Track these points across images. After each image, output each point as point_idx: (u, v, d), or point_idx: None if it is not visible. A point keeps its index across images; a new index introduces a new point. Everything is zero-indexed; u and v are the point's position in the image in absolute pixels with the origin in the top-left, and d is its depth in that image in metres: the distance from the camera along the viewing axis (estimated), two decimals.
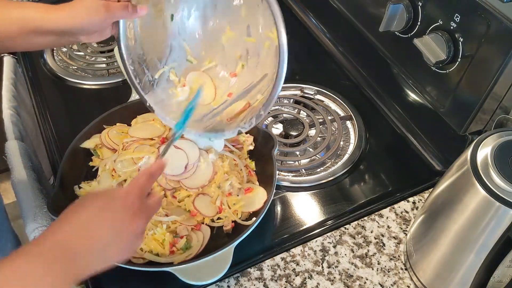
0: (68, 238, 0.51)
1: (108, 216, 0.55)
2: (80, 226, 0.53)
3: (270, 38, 0.75)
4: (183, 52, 0.85)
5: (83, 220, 0.53)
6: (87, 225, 0.53)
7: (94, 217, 0.54)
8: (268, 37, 0.76)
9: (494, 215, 0.58)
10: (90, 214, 0.54)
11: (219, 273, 0.71)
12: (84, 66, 1.16)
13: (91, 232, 0.53)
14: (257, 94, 0.77)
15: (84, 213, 0.54)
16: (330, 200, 0.88)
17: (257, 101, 0.76)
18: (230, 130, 0.78)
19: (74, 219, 0.53)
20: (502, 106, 0.77)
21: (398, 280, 0.77)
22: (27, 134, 1.03)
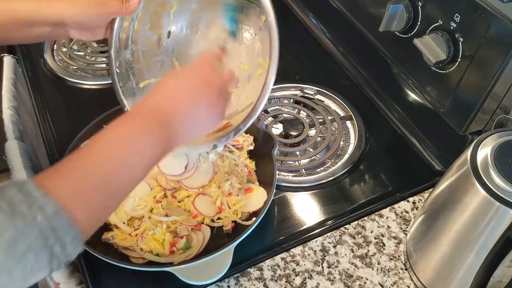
0: (159, 103, 0.57)
1: (188, 84, 0.60)
2: (169, 92, 0.58)
3: (263, 68, 0.75)
4: (172, 68, 0.84)
5: (172, 88, 0.59)
6: (175, 91, 0.58)
7: (182, 85, 0.59)
8: (261, 66, 0.76)
9: (494, 215, 0.58)
10: (178, 83, 0.60)
11: (219, 273, 0.71)
12: (84, 66, 1.16)
13: (179, 96, 0.58)
14: (239, 118, 0.77)
15: (173, 82, 0.59)
16: (330, 200, 0.88)
17: (237, 122, 0.76)
18: (205, 144, 0.76)
19: (163, 87, 0.58)
20: (502, 106, 0.77)
21: (398, 280, 0.77)
22: (27, 134, 1.03)
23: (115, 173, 0.51)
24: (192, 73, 0.62)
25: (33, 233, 0.44)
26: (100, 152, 0.52)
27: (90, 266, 0.77)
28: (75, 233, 0.47)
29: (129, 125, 0.55)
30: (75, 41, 1.22)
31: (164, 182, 0.82)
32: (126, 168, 0.52)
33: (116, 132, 0.54)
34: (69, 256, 0.47)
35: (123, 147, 0.53)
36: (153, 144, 0.54)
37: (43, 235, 0.44)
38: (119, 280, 0.77)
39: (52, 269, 0.46)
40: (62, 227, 0.45)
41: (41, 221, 0.44)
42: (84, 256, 0.77)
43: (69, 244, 0.46)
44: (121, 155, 0.52)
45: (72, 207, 0.47)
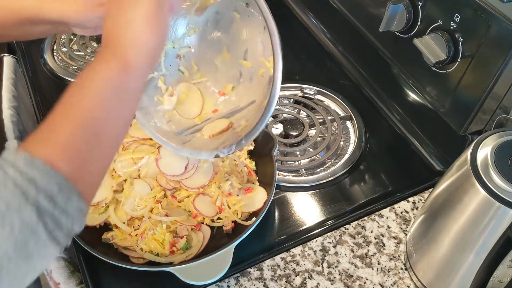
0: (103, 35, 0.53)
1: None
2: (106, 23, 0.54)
3: (266, 67, 0.74)
4: (175, 61, 0.84)
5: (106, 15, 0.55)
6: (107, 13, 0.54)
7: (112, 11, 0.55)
8: (264, 65, 0.75)
9: (494, 215, 0.58)
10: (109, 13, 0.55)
11: (219, 273, 0.71)
12: (84, 66, 1.16)
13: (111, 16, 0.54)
14: (242, 119, 0.77)
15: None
16: (330, 200, 0.88)
17: (240, 127, 0.75)
18: (207, 152, 0.75)
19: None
20: (502, 106, 0.77)
21: (398, 280, 0.77)
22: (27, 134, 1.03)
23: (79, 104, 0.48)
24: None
25: (7, 189, 0.40)
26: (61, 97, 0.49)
27: (90, 266, 0.77)
28: (59, 179, 0.43)
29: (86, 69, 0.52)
30: (75, 41, 1.22)
31: (164, 182, 0.82)
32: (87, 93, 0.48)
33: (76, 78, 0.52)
34: (66, 212, 0.43)
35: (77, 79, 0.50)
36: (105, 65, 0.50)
37: (19, 189, 0.40)
38: (119, 280, 0.77)
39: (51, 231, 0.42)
40: (40, 176, 0.42)
41: (14, 175, 0.41)
42: (84, 256, 0.77)
43: (57, 194, 0.42)
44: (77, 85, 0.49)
45: (45, 152, 0.43)
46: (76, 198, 0.44)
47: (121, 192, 0.82)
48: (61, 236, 0.43)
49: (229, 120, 0.79)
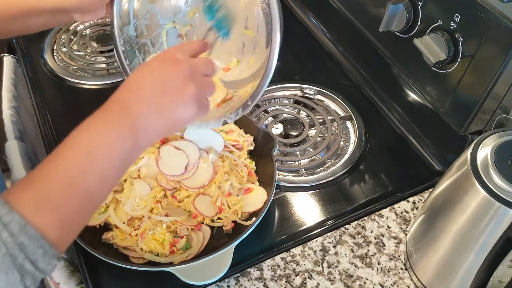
0: (123, 94, 0.55)
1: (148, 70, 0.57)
2: (132, 82, 0.56)
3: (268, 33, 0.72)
4: (178, 41, 0.82)
5: (136, 77, 0.56)
6: (138, 81, 0.56)
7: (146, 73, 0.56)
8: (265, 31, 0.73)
9: (494, 215, 0.58)
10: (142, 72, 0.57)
11: (219, 273, 0.71)
12: (84, 66, 1.16)
13: (134, 86, 0.55)
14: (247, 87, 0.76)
15: (138, 73, 0.57)
16: (330, 200, 0.88)
17: (246, 93, 0.74)
18: (215, 120, 0.74)
19: (128, 79, 0.56)
20: (502, 106, 0.77)
21: (398, 280, 0.77)
22: (27, 134, 1.03)
23: (81, 172, 0.48)
24: (155, 61, 0.58)
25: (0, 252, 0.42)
26: (64, 152, 0.49)
27: (90, 266, 0.77)
28: (45, 247, 0.45)
29: (93, 119, 0.52)
30: (75, 41, 1.22)
31: (164, 182, 0.82)
32: (93, 164, 0.49)
33: (81, 128, 0.51)
34: (43, 272, 0.46)
35: (87, 140, 0.50)
36: (119, 134, 0.51)
37: (10, 253, 0.43)
38: (119, 280, 0.77)
39: (27, 286, 0.45)
40: (30, 243, 0.44)
41: (7, 239, 0.43)
42: (84, 256, 0.77)
43: (41, 259, 0.45)
44: (85, 149, 0.49)
45: (38, 219, 0.45)
46: (55, 260, 0.47)
47: (121, 192, 0.82)
48: (34, 286, 0.46)
49: (228, 91, 0.78)
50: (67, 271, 0.77)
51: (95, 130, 0.51)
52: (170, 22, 0.80)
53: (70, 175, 0.48)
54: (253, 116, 1.01)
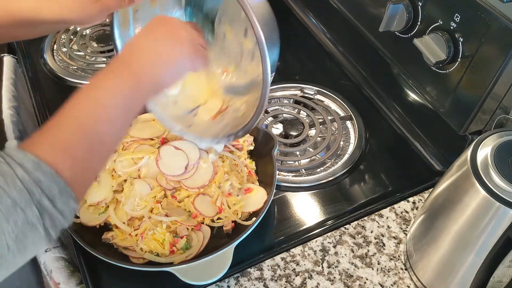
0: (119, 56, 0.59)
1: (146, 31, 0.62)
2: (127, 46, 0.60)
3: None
4: None
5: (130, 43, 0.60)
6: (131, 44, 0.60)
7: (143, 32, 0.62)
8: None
9: (494, 215, 0.58)
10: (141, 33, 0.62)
11: (219, 273, 0.71)
12: (84, 66, 1.16)
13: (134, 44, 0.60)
14: (242, 103, 0.77)
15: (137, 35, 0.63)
16: (330, 200, 0.88)
17: (241, 112, 0.75)
18: (208, 139, 0.77)
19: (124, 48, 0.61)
20: (502, 106, 0.77)
21: (398, 280, 0.77)
22: (27, 134, 1.03)
23: (89, 116, 0.52)
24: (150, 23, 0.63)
25: (15, 188, 0.43)
26: (73, 102, 0.53)
27: (90, 266, 0.77)
28: (60, 184, 0.47)
29: (97, 75, 0.56)
30: (75, 41, 1.22)
31: (164, 182, 0.82)
32: (99, 107, 0.53)
33: (87, 85, 0.56)
34: (62, 214, 0.47)
35: (92, 89, 0.54)
36: (119, 78, 0.55)
37: (26, 188, 0.44)
38: (119, 280, 0.77)
39: (47, 228, 0.45)
40: (46, 179, 0.45)
41: (22, 176, 0.44)
42: (84, 256, 0.77)
43: (58, 197, 0.46)
44: (91, 95, 0.53)
45: (52, 158, 0.47)
46: (72, 201, 0.48)
47: (121, 192, 0.82)
48: (54, 232, 0.47)
49: (222, 100, 0.78)
50: (67, 271, 0.77)
51: (99, 81, 0.55)
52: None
53: (80, 119, 0.51)
54: None
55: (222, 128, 0.76)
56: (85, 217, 0.79)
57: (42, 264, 0.78)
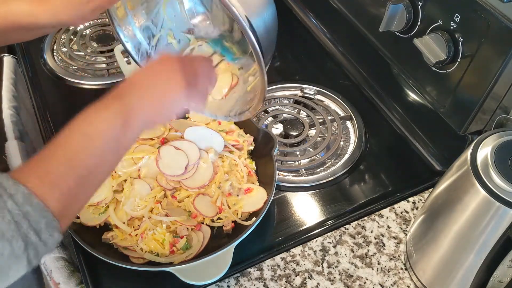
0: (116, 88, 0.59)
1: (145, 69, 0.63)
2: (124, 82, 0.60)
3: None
4: (178, 12, 0.82)
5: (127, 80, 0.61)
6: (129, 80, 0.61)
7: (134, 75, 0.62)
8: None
9: (494, 215, 0.58)
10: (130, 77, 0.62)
11: (219, 273, 0.71)
12: (84, 66, 1.16)
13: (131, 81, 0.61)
14: (249, 76, 0.77)
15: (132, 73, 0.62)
16: (330, 200, 0.88)
17: (249, 84, 0.76)
18: (221, 117, 0.78)
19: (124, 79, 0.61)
20: (502, 106, 0.77)
21: (398, 280, 0.77)
22: (27, 134, 1.03)
23: (79, 149, 0.52)
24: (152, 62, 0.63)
25: (4, 220, 0.44)
26: (64, 134, 0.53)
27: (90, 266, 0.77)
28: (48, 218, 0.47)
29: (90, 107, 0.56)
30: (75, 41, 1.22)
31: (164, 182, 0.83)
32: (89, 141, 0.53)
33: (79, 116, 0.56)
34: (46, 245, 0.47)
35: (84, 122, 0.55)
36: (110, 113, 0.56)
37: (15, 221, 0.45)
38: (119, 280, 0.77)
39: (30, 260, 0.46)
40: (34, 213, 0.46)
41: (12, 208, 0.45)
42: (84, 256, 0.77)
43: (44, 230, 0.47)
44: (82, 129, 0.54)
45: (42, 191, 0.47)
46: (57, 234, 0.49)
47: (121, 192, 0.82)
48: (36, 261, 0.48)
49: (231, 74, 0.79)
50: (67, 271, 0.77)
51: (92, 114, 0.56)
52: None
53: (69, 152, 0.52)
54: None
55: (234, 104, 0.77)
56: (85, 217, 0.79)
57: (42, 264, 0.78)
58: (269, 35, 0.65)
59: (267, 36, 0.64)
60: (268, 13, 0.65)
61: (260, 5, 0.64)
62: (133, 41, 0.80)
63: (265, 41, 0.63)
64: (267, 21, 0.64)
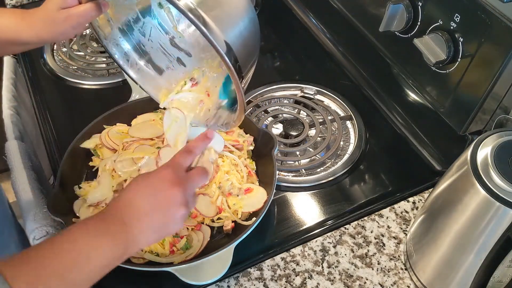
0: (116, 211, 0.59)
1: (147, 189, 0.61)
2: (125, 201, 0.60)
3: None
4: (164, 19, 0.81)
5: (128, 197, 0.60)
6: (130, 200, 0.60)
7: (137, 192, 0.61)
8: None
9: (494, 215, 0.58)
10: (133, 191, 0.61)
11: (219, 273, 0.71)
12: (84, 66, 1.16)
13: (134, 203, 0.60)
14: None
15: (129, 192, 0.61)
16: (330, 200, 0.88)
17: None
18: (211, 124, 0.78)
19: (121, 198, 0.61)
20: (502, 106, 0.77)
21: (398, 280, 0.77)
22: (27, 134, 1.03)
23: (72, 268, 0.53)
24: (155, 179, 0.62)
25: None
26: (62, 246, 0.54)
27: None
28: None
29: (95, 226, 0.57)
30: (75, 41, 1.22)
31: None
32: (84, 263, 0.54)
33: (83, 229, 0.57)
34: None
35: (85, 243, 0.55)
36: (114, 245, 0.57)
37: None
38: (119, 280, 0.76)
39: None
40: None
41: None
42: None
43: None
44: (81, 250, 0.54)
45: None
46: None
47: None
48: None
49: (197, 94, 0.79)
50: None
51: (94, 236, 0.56)
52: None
53: (62, 267, 0.53)
54: (253, 116, 1.01)
55: (216, 114, 0.76)
56: (85, 217, 0.79)
57: None
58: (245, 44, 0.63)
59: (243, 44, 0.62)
60: (245, 23, 0.63)
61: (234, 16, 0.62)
62: (120, 51, 0.80)
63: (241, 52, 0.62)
64: (243, 32, 0.63)
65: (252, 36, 0.65)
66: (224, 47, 0.59)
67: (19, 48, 0.75)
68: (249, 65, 0.65)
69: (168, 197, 0.60)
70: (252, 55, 0.66)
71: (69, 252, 0.54)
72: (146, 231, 0.59)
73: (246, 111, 0.77)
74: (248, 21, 0.63)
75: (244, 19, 0.63)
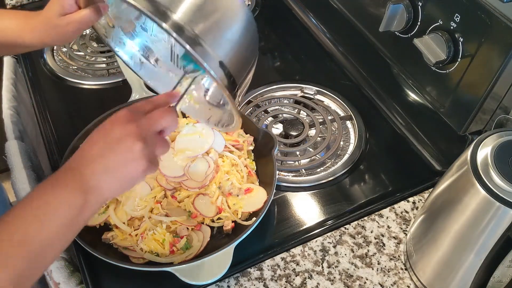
0: (68, 163, 0.57)
1: (98, 133, 0.59)
2: (77, 152, 0.58)
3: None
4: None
5: (81, 148, 0.59)
6: (82, 148, 0.58)
7: (88, 140, 0.59)
8: None
9: (494, 215, 0.58)
10: (85, 141, 0.59)
11: (219, 273, 0.71)
12: (84, 66, 1.16)
13: (84, 149, 0.58)
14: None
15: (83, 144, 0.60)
16: (330, 200, 0.88)
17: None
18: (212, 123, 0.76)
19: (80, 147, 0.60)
20: (502, 106, 0.77)
21: (398, 280, 0.77)
22: (27, 134, 1.03)
23: (33, 234, 0.51)
24: (108, 124, 0.59)
25: None
26: (14, 213, 0.53)
27: (90, 266, 0.77)
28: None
29: (45, 183, 0.55)
30: (75, 41, 1.22)
31: (164, 182, 0.83)
32: (40, 223, 0.52)
33: (33, 192, 0.55)
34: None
35: (35, 202, 0.53)
36: (69, 193, 0.54)
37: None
38: (119, 280, 0.77)
39: None
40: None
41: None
42: (84, 256, 0.77)
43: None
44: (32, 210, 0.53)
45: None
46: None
47: None
48: None
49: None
50: (67, 271, 0.77)
51: (50, 192, 0.54)
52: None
53: (21, 233, 0.51)
54: (253, 116, 1.01)
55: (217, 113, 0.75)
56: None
57: None
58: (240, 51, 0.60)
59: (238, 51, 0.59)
60: (238, 28, 0.59)
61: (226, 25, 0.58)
62: (124, 49, 0.80)
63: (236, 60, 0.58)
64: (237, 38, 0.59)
65: (248, 40, 0.61)
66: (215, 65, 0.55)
67: (20, 50, 0.75)
68: (247, 70, 0.62)
69: (119, 134, 0.57)
70: (249, 59, 0.62)
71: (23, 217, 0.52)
72: (101, 173, 0.56)
73: (246, 111, 0.76)
74: (242, 25, 0.59)
75: (237, 24, 0.59)
